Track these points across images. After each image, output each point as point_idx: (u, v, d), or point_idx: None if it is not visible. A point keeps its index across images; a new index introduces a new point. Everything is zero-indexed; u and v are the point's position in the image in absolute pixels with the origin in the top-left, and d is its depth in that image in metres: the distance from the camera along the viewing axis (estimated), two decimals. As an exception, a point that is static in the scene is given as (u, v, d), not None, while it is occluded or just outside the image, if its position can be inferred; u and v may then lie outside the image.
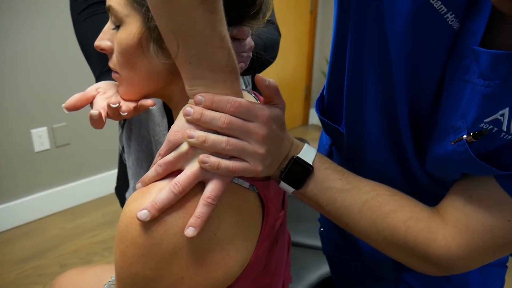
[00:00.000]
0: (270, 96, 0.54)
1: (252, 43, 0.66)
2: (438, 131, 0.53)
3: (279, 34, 0.93)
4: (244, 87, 1.03)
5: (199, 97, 0.50)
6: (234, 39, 0.61)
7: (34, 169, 2.29)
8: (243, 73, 0.78)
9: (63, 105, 0.60)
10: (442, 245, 0.53)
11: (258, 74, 0.53)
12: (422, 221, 0.54)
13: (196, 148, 0.50)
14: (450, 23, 0.47)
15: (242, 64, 0.64)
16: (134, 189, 1.00)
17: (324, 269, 1.18)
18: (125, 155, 1.02)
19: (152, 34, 0.54)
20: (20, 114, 2.17)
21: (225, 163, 0.50)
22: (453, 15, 0.47)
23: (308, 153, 0.57)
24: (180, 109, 0.55)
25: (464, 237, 0.52)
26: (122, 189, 1.13)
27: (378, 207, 0.55)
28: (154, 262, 0.49)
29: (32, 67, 2.16)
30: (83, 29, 0.89)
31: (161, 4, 0.46)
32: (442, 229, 0.53)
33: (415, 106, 0.55)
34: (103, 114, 0.59)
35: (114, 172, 2.56)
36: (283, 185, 0.57)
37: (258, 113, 0.52)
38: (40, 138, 2.29)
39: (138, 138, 0.94)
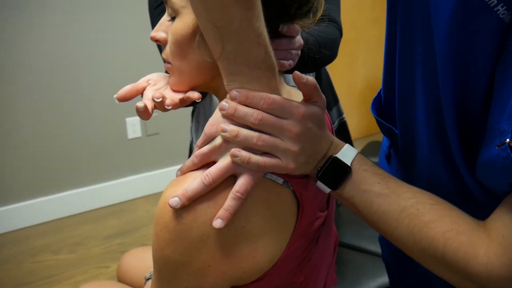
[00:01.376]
0: (308, 94, 0.54)
1: (302, 41, 0.66)
2: (486, 134, 0.49)
3: (340, 33, 0.91)
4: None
5: (234, 92, 0.51)
6: (284, 36, 0.62)
7: (126, 154, 2.48)
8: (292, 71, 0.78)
9: (114, 95, 0.65)
10: (483, 263, 0.49)
11: (296, 71, 0.53)
12: (464, 234, 0.50)
13: (229, 142, 0.52)
14: (501, 16, 0.43)
15: (291, 61, 0.64)
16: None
17: (384, 278, 1.14)
18: (194, 146, 1.07)
19: None
20: (117, 104, 2.36)
21: (255, 158, 0.51)
22: (505, 8, 0.43)
23: (347, 154, 0.56)
24: None
25: (508, 256, 0.47)
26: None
27: (417, 216, 0.52)
28: (183, 247, 0.52)
29: (129, 61, 2.34)
30: (156, 23, 0.96)
31: (200, 2, 0.48)
32: (485, 245, 0.49)
33: (463, 107, 0.51)
34: (150, 106, 0.61)
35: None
36: (320, 184, 0.57)
37: (293, 110, 0.52)
38: (133, 127, 2.48)
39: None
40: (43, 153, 2.22)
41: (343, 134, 1.21)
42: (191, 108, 1.12)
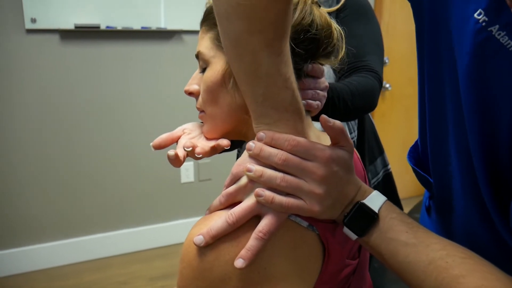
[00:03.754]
0: (335, 138, 0.55)
1: (327, 83, 0.68)
2: None
3: (379, 83, 0.91)
4: (349, 134, 1.02)
5: (261, 133, 0.53)
6: (309, 76, 0.65)
7: (178, 198, 2.55)
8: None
9: (151, 143, 0.69)
10: None
11: (323, 115, 0.54)
12: None
13: (254, 182, 0.53)
14: None
15: (318, 102, 0.65)
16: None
17: None
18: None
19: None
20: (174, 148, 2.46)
21: (279, 198, 0.52)
22: None
23: (375, 200, 0.55)
24: None
25: None
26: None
27: (446, 269, 0.50)
28: (205, 286, 0.52)
29: (185, 105, 2.45)
30: None
31: (231, 47, 0.51)
32: None
33: (493, 155, 0.49)
34: (181, 154, 0.65)
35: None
36: (346, 230, 0.56)
37: (318, 153, 0.52)
38: (187, 171, 2.56)
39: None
40: (97, 192, 2.33)
41: (388, 185, 1.18)
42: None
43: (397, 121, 3.19)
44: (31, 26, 2.08)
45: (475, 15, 0.43)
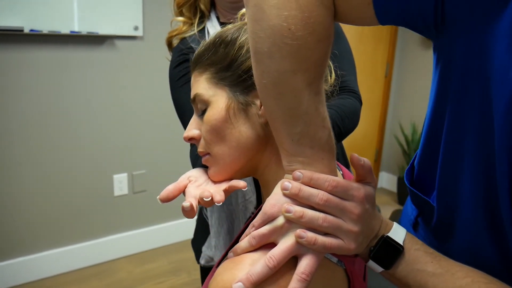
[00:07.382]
0: (363, 175, 0.56)
1: None
2: None
3: (360, 102, 0.95)
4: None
5: (297, 173, 0.52)
6: None
7: (111, 212, 2.42)
8: None
9: (157, 197, 0.64)
10: None
11: (353, 154, 0.55)
12: None
13: (291, 223, 0.52)
14: None
15: None
16: (216, 247, 1.03)
17: None
18: (208, 213, 1.06)
19: (239, 103, 0.61)
20: (105, 160, 2.33)
21: (321, 239, 0.51)
22: None
23: (398, 233, 0.57)
24: (266, 179, 0.60)
25: None
26: (199, 242, 1.16)
27: None
28: None
29: (116, 117, 2.34)
30: (180, 93, 0.97)
31: (272, 86, 0.50)
32: None
33: None
34: (195, 203, 0.61)
35: (183, 221, 2.63)
36: (372, 264, 0.57)
37: (354, 193, 0.53)
38: (120, 183, 2.43)
39: (221, 198, 0.98)
40: (24, 210, 2.14)
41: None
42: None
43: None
44: None
45: None
